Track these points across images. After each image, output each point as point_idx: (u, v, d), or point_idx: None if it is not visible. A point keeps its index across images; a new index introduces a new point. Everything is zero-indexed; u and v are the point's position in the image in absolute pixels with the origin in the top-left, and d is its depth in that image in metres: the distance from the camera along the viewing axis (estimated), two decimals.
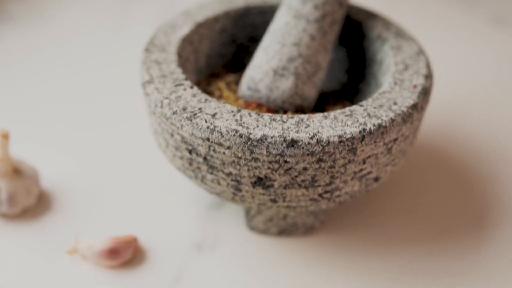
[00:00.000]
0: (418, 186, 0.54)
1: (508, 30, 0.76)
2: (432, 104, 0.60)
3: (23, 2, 0.79)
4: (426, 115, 0.60)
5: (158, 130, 0.45)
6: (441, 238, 0.49)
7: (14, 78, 0.66)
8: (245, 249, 0.48)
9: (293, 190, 0.42)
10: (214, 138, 0.40)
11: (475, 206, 0.52)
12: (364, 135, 0.40)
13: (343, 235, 0.49)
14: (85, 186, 0.53)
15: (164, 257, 0.47)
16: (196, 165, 0.43)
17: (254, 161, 0.40)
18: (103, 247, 0.45)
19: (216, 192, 0.44)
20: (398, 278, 0.46)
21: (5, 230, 0.49)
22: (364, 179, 0.43)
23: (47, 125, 0.59)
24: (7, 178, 0.49)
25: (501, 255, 0.48)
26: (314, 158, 0.40)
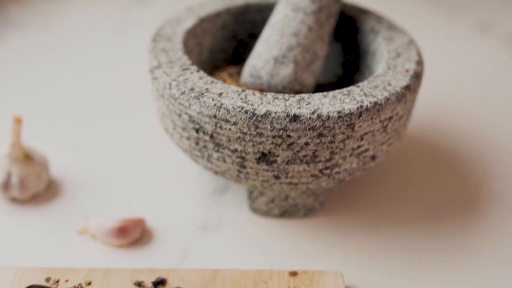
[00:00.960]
0: (412, 172, 0.57)
1: (492, 35, 0.80)
2: (423, 101, 0.64)
3: (27, 8, 0.82)
4: (417, 110, 0.63)
5: (165, 113, 0.47)
6: (434, 219, 0.52)
7: (20, 77, 0.69)
8: (248, 230, 0.50)
9: (295, 166, 0.44)
10: (220, 115, 0.43)
11: (465, 190, 0.55)
12: (361, 112, 0.43)
13: (341, 216, 0.51)
14: (92, 174, 0.55)
15: (171, 237, 0.49)
16: (203, 144, 0.45)
17: (259, 136, 0.43)
18: (112, 226, 0.48)
19: (222, 170, 0.46)
20: (394, 255, 0.48)
21: (16, 214, 0.51)
22: (361, 157, 0.46)
23: (54, 119, 0.62)
24: (18, 163, 0.51)
25: (489, 234, 0.50)
26: (315, 133, 0.42)
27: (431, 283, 0.46)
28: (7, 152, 0.51)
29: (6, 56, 0.73)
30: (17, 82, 0.68)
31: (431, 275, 0.46)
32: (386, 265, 0.47)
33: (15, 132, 0.50)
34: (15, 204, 0.52)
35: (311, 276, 0.44)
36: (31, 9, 0.83)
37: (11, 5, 0.83)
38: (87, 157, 0.57)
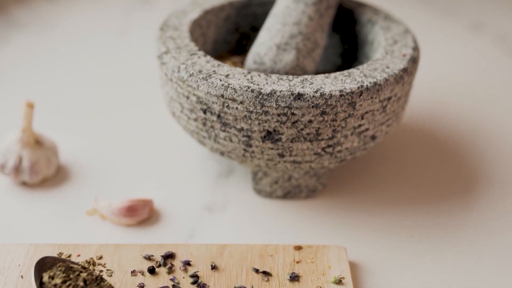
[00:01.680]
0: (409, 157, 0.59)
1: (484, 34, 0.83)
2: (419, 94, 0.66)
3: (30, 10, 0.85)
4: (414, 102, 0.66)
5: (173, 97, 0.49)
6: (432, 200, 0.54)
7: (25, 74, 0.71)
8: (252, 211, 0.52)
9: (299, 144, 0.46)
10: (228, 94, 0.45)
11: (460, 173, 0.57)
12: (362, 91, 0.45)
13: (343, 197, 0.53)
14: (100, 160, 0.57)
15: (178, 217, 0.51)
16: (210, 124, 0.47)
17: (264, 114, 0.45)
18: (121, 206, 0.49)
19: (228, 150, 0.48)
20: (394, 233, 0.50)
21: (27, 197, 0.52)
22: (362, 136, 0.48)
23: (61, 111, 0.64)
24: (29, 148, 0.53)
25: (485, 213, 0.52)
26: (318, 111, 0.44)
27: (429, 257, 0.48)
28: (18, 137, 0.53)
29: (11, 55, 0.75)
30: (23, 77, 0.70)
31: (430, 250, 0.48)
32: (387, 241, 0.49)
33: (27, 117, 0.52)
34: (26, 188, 0.53)
35: (315, 250, 0.46)
36: (33, 11, 0.85)
37: (14, 7, 0.86)
38: (94, 144, 0.59)
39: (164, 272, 0.44)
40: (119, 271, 0.44)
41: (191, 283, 0.43)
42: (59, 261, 0.42)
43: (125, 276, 0.44)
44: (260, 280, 0.44)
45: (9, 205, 0.52)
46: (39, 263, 0.41)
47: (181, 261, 0.45)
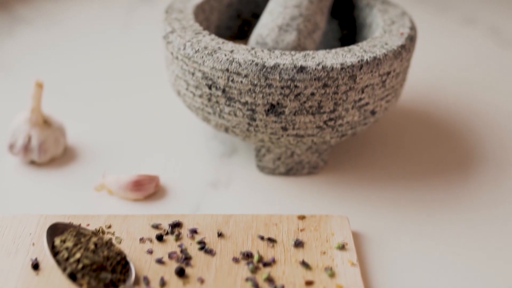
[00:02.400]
0: (407, 137, 0.60)
1: (476, 28, 0.86)
2: (416, 82, 0.68)
3: (34, 8, 0.86)
4: (411, 88, 0.67)
5: (179, 75, 0.51)
6: (429, 175, 0.55)
7: (30, 65, 0.72)
8: (255, 187, 0.53)
9: (302, 117, 0.48)
10: (233, 68, 0.46)
11: (456, 151, 0.58)
12: (362, 64, 0.46)
13: (344, 173, 0.55)
14: (107, 141, 0.58)
15: (183, 193, 0.52)
16: (215, 99, 0.49)
17: (268, 87, 0.46)
18: (128, 180, 0.50)
19: (233, 125, 0.49)
20: (393, 207, 0.51)
21: (35, 175, 0.53)
22: (362, 110, 0.49)
23: (67, 97, 0.65)
24: (38, 127, 0.54)
25: (480, 187, 0.54)
26: (320, 83, 0.46)
27: (427, 227, 0.49)
28: (27, 117, 0.54)
29: (17, 48, 0.76)
30: (29, 68, 0.72)
31: (427, 220, 0.50)
32: (387, 213, 0.50)
33: (36, 97, 0.53)
34: (35, 167, 0.54)
35: (318, 219, 0.47)
36: (37, 8, 0.87)
37: (19, 4, 0.88)
38: (100, 127, 0.61)
39: (172, 239, 0.45)
40: (128, 239, 0.45)
41: (199, 249, 0.44)
42: (70, 227, 0.43)
43: (134, 243, 0.45)
44: (266, 246, 0.45)
45: (19, 183, 0.53)
46: (51, 228, 0.42)
47: (188, 229, 0.46)
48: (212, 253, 0.44)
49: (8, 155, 0.55)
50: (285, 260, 0.44)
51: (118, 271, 0.41)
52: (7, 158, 0.55)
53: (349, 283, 0.42)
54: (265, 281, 0.42)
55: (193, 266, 0.43)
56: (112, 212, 0.49)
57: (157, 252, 0.44)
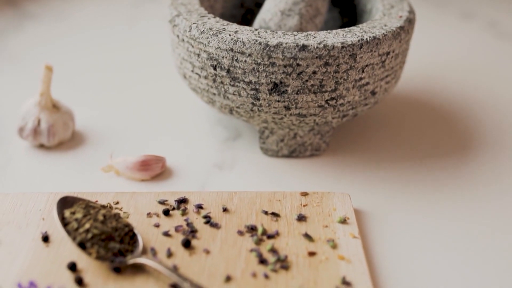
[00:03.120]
0: (408, 122, 0.61)
1: (473, 22, 0.87)
2: (415, 72, 0.69)
3: (42, 3, 0.88)
4: (410, 77, 0.68)
5: (185, 57, 0.52)
6: (428, 157, 0.56)
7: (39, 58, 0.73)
8: (259, 168, 0.54)
9: (304, 96, 0.49)
10: (237, 48, 0.47)
11: (454, 135, 0.59)
12: (362, 43, 0.47)
13: (345, 156, 0.55)
14: (114, 127, 0.59)
15: (189, 173, 0.53)
16: (220, 80, 0.50)
17: (271, 66, 0.47)
18: (136, 160, 0.51)
19: (237, 105, 0.50)
20: (394, 186, 0.52)
21: (44, 158, 0.54)
22: (363, 90, 0.50)
23: (74, 86, 0.66)
24: (47, 111, 0.55)
25: (477, 168, 0.55)
26: (322, 62, 0.47)
27: (425, 205, 0.50)
28: (37, 101, 0.55)
29: (25, 42, 0.78)
30: (37, 60, 0.72)
31: (426, 199, 0.50)
32: (387, 192, 0.51)
33: (46, 81, 0.54)
34: (44, 150, 0.55)
35: (320, 196, 0.48)
36: (45, 4, 0.88)
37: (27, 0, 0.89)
38: (107, 114, 0.62)
39: (178, 214, 0.46)
40: (135, 214, 0.46)
41: (204, 223, 0.45)
42: (79, 200, 0.44)
43: (141, 217, 0.45)
44: (269, 220, 0.46)
45: (28, 166, 0.54)
46: (61, 201, 0.43)
47: (193, 205, 0.47)
48: (217, 226, 0.45)
49: (18, 139, 0.57)
50: (288, 233, 0.44)
51: (126, 241, 0.42)
52: (17, 141, 0.56)
53: (350, 254, 0.43)
54: (269, 252, 0.43)
55: (198, 239, 0.44)
56: (119, 192, 0.50)
57: (163, 226, 0.45)
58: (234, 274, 0.41)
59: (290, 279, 0.41)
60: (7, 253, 0.42)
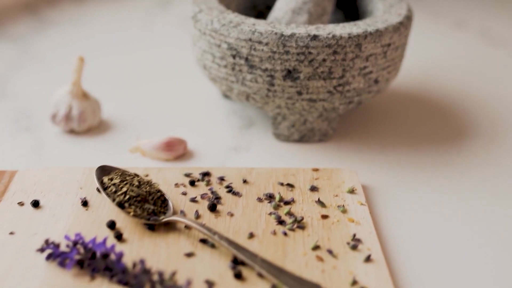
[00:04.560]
0: (408, 113, 0.68)
1: (465, 31, 0.94)
2: (413, 72, 0.76)
3: (60, 10, 0.95)
4: (409, 76, 0.75)
5: (206, 49, 0.58)
6: (427, 143, 0.62)
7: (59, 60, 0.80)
8: (273, 150, 0.60)
9: (315, 82, 0.55)
10: (255, 38, 0.53)
11: (451, 124, 0.66)
12: (366, 35, 0.54)
13: (352, 141, 0.62)
14: (138, 117, 0.65)
15: (209, 155, 0.59)
16: (239, 68, 0.56)
17: (286, 54, 0.53)
18: (161, 141, 0.57)
19: (254, 91, 0.56)
20: (396, 167, 0.58)
21: (75, 142, 0.60)
22: (367, 78, 0.56)
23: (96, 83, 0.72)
24: (78, 99, 0.61)
25: (471, 152, 0.61)
26: (331, 50, 0.53)
27: (425, 181, 0.56)
28: (69, 90, 0.61)
29: (47, 45, 0.84)
30: (59, 60, 0.79)
31: (426, 177, 0.56)
32: (391, 172, 0.57)
33: (78, 71, 0.60)
34: (74, 135, 0.61)
35: (330, 172, 0.54)
36: (64, 11, 0.95)
37: (47, 7, 0.96)
38: (130, 105, 0.68)
39: (203, 185, 0.52)
40: (164, 184, 0.51)
41: (227, 191, 0.51)
42: (115, 169, 0.49)
43: (169, 187, 0.51)
44: (285, 190, 0.51)
45: (61, 149, 0.60)
46: (100, 169, 0.49)
47: (216, 177, 0.52)
48: (238, 195, 0.51)
49: (50, 125, 0.62)
50: (303, 200, 0.50)
51: (158, 204, 0.47)
52: (49, 127, 0.62)
53: (359, 217, 0.49)
54: (286, 215, 0.48)
55: (222, 204, 0.49)
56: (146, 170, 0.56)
57: (190, 194, 0.50)
58: (256, 232, 0.46)
59: (306, 237, 0.46)
60: (51, 216, 0.48)
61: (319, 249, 0.45)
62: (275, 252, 0.45)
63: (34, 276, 0.42)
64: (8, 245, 0.45)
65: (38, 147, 0.60)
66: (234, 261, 0.43)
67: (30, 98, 0.70)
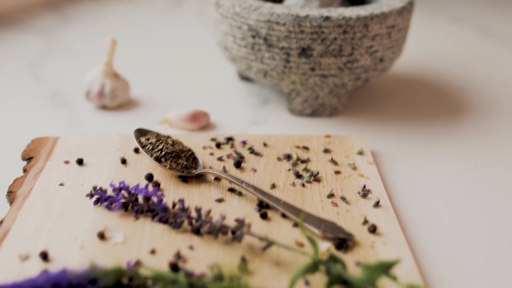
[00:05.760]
0: (411, 94, 0.76)
1: (463, 26, 1.03)
2: (414, 60, 0.83)
3: (80, 7, 1.02)
4: (410, 64, 0.83)
5: (227, 31, 0.65)
6: (429, 118, 0.70)
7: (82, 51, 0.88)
8: (288, 123, 0.68)
9: (326, 59, 0.62)
10: (273, 19, 0.61)
11: (450, 102, 0.74)
12: (373, 16, 0.62)
13: (359, 115, 0.69)
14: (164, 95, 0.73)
15: (231, 126, 0.66)
16: (258, 47, 0.63)
17: (301, 33, 0.61)
18: (187, 113, 0.64)
19: (271, 68, 0.64)
20: (399, 137, 0.66)
21: (107, 117, 0.68)
22: (373, 56, 0.64)
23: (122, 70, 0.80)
24: (110, 78, 0.68)
25: (468, 128, 0.69)
26: (341, 30, 0.61)
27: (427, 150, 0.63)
28: (102, 69, 0.68)
29: (70, 38, 0.92)
30: (83, 50, 0.87)
31: (425, 144, 0.64)
32: (396, 140, 0.65)
33: (110, 52, 0.68)
34: (106, 110, 0.68)
35: (341, 138, 0.61)
36: (83, 8, 1.03)
37: (68, 5, 1.04)
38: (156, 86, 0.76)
39: (228, 147, 0.59)
40: (193, 147, 0.59)
41: (249, 152, 0.58)
42: (150, 131, 0.57)
43: (198, 149, 0.58)
44: (301, 151, 0.59)
45: (95, 122, 0.67)
46: (137, 131, 0.56)
47: (239, 141, 0.60)
48: (260, 155, 0.58)
49: (83, 102, 0.70)
50: (317, 159, 0.57)
51: (190, 161, 0.54)
52: (83, 104, 0.70)
53: (368, 173, 0.56)
54: (303, 171, 0.55)
55: (246, 162, 0.57)
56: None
57: (217, 154, 0.58)
58: (277, 183, 0.54)
59: (322, 188, 0.53)
60: (94, 171, 0.55)
61: (334, 197, 0.52)
62: (294, 199, 0.52)
63: (85, 217, 0.49)
64: (59, 194, 0.52)
65: (74, 120, 0.67)
66: (259, 204, 0.50)
67: (61, 80, 0.77)
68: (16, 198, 0.52)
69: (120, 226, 0.48)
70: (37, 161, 0.57)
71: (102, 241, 0.46)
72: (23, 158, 0.58)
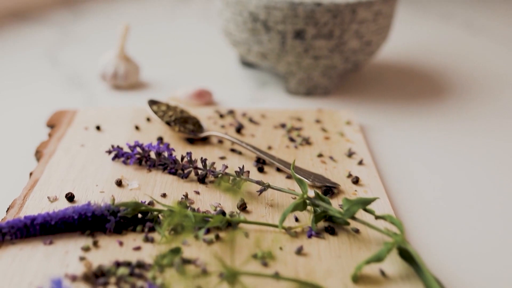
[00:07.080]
0: (398, 79, 0.84)
1: (452, 22, 1.11)
2: (402, 54, 0.92)
3: (91, 4, 1.12)
4: (398, 55, 0.91)
5: (229, 18, 0.74)
6: (414, 99, 0.78)
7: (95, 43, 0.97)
8: (284, 101, 0.76)
9: (318, 41, 0.70)
10: (271, 5, 0.69)
11: (434, 87, 0.82)
12: (360, 2, 0.70)
13: (350, 96, 0.77)
14: (171, 78, 0.82)
15: (232, 103, 0.75)
16: (258, 31, 0.71)
17: (296, 17, 0.69)
18: (193, 90, 0.73)
19: (270, 48, 0.72)
20: (386, 114, 0.74)
21: (122, 94, 0.76)
22: (361, 40, 0.72)
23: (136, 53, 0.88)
24: (123, 61, 0.77)
25: (449, 107, 0.77)
26: (331, 14, 0.69)
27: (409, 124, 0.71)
28: (116, 53, 0.77)
29: (83, 32, 1.01)
30: (96, 42, 0.96)
31: (410, 121, 0.72)
32: (382, 117, 0.73)
33: (123, 37, 0.76)
34: (120, 90, 0.77)
35: (332, 111, 0.70)
36: (94, 6, 1.12)
37: (79, 2, 1.13)
38: (164, 70, 0.84)
39: (229, 117, 0.67)
40: (198, 116, 0.67)
41: (248, 121, 0.66)
42: (161, 102, 0.65)
43: (203, 118, 0.66)
44: (295, 121, 0.67)
45: (110, 99, 0.76)
46: (150, 101, 0.64)
47: (240, 113, 0.68)
48: (258, 124, 0.66)
49: (98, 83, 0.78)
50: (310, 128, 0.66)
51: (196, 126, 0.63)
52: (98, 84, 0.78)
53: (354, 140, 0.64)
54: (296, 136, 0.63)
55: (246, 129, 0.65)
56: None
57: (220, 123, 0.66)
58: (273, 146, 0.62)
59: (312, 150, 0.61)
60: (111, 135, 0.63)
61: (323, 157, 0.60)
62: (288, 158, 0.60)
63: (104, 170, 0.57)
64: (81, 152, 0.60)
65: (91, 98, 0.76)
66: (257, 160, 0.58)
67: (77, 65, 0.86)
68: (42, 155, 0.60)
69: (136, 176, 0.56)
70: (60, 128, 0.65)
71: (120, 188, 0.55)
72: (47, 125, 0.66)
